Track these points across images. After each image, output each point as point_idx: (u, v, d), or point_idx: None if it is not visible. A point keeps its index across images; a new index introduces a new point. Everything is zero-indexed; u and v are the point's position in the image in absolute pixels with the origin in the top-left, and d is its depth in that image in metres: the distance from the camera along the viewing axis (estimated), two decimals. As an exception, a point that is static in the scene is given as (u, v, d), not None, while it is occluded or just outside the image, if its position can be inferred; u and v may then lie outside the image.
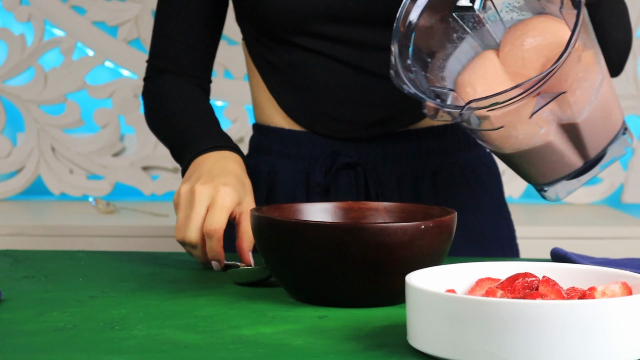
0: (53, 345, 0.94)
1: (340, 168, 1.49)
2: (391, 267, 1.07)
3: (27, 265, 1.33)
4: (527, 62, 1.19)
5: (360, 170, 1.49)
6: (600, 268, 0.98)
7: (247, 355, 0.91)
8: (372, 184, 1.48)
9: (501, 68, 1.20)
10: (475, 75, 1.20)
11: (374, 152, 1.50)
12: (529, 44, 1.19)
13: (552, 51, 1.18)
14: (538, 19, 1.20)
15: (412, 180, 1.51)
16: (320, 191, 1.49)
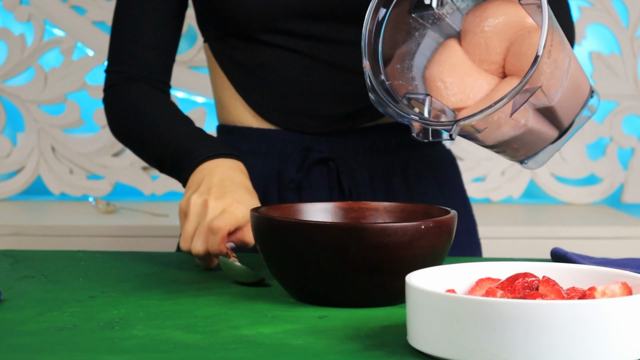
0: (53, 345, 0.94)
1: (312, 164, 1.49)
2: (391, 267, 1.07)
3: (27, 265, 1.33)
4: (491, 48, 1.19)
5: (333, 165, 1.49)
6: (600, 268, 0.98)
7: (247, 355, 0.91)
8: (344, 179, 1.49)
9: (466, 57, 1.20)
10: (442, 68, 1.19)
11: (345, 147, 1.50)
12: (489, 29, 1.19)
13: (514, 34, 1.18)
14: (494, 3, 1.20)
15: (383, 174, 1.52)
16: (293, 187, 1.49)
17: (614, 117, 2.78)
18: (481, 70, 1.19)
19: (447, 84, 1.18)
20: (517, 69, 1.16)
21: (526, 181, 2.80)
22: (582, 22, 2.76)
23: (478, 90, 1.18)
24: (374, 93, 1.16)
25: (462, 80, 1.18)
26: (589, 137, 2.79)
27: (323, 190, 1.49)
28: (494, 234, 2.46)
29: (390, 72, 1.19)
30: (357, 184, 1.50)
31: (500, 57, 1.19)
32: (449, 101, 1.18)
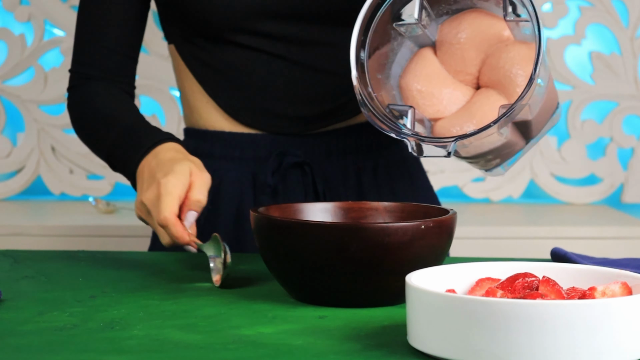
0: (53, 345, 0.94)
1: (287, 168, 1.49)
2: (391, 267, 1.07)
3: (27, 265, 1.33)
4: (467, 59, 1.19)
5: (307, 168, 1.50)
6: (600, 268, 0.98)
7: (247, 355, 0.91)
8: (319, 182, 1.50)
9: (442, 67, 1.20)
10: (418, 78, 1.19)
11: (318, 149, 1.51)
12: (466, 41, 1.19)
13: (490, 47, 1.18)
14: (471, 14, 1.20)
15: (355, 175, 1.53)
16: (269, 192, 1.49)
17: (614, 117, 2.78)
18: (456, 81, 1.19)
19: (424, 94, 1.18)
20: (492, 81, 1.17)
21: (526, 181, 2.80)
22: (582, 22, 2.76)
23: (454, 101, 1.18)
24: (365, 108, 1.16)
25: (439, 91, 1.18)
26: (589, 137, 2.79)
27: (299, 194, 1.50)
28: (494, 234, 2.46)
29: (373, 83, 1.20)
30: (331, 186, 1.51)
31: (476, 68, 1.19)
32: (426, 111, 1.18)
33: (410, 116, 1.17)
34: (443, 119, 1.17)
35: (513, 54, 1.15)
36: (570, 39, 2.77)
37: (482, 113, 1.15)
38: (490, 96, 1.16)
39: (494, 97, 1.16)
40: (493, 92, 1.17)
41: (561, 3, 2.76)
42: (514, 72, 1.15)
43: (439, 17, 1.21)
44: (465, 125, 1.15)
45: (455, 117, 1.17)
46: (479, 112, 1.15)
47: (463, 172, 2.80)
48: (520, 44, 1.16)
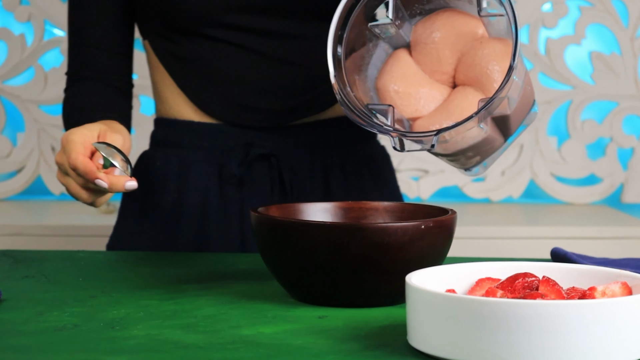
0: (53, 345, 0.94)
1: (254, 159, 1.49)
2: (391, 267, 1.07)
3: (27, 265, 1.33)
4: (443, 58, 1.19)
5: (274, 161, 1.50)
6: (600, 268, 0.98)
7: (247, 355, 0.91)
8: (285, 175, 1.50)
9: (417, 67, 1.20)
10: (395, 79, 1.20)
11: (286, 143, 1.51)
12: (441, 40, 1.19)
13: (465, 45, 1.18)
14: (444, 13, 1.20)
15: (322, 170, 1.53)
16: (235, 182, 1.49)
17: (614, 117, 2.78)
18: (433, 80, 1.20)
19: (401, 94, 1.19)
20: (469, 78, 1.17)
21: (526, 181, 2.80)
22: (582, 22, 2.76)
23: (432, 100, 1.19)
24: (344, 106, 1.17)
25: (416, 91, 1.19)
26: (589, 137, 2.79)
27: (264, 185, 1.50)
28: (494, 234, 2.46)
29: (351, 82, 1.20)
30: (298, 179, 1.51)
31: (452, 67, 1.19)
32: (404, 111, 1.18)
33: (390, 115, 1.17)
34: (421, 118, 1.18)
35: (488, 50, 1.16)
36: (570, 39, 2.77)
37: (461, 110, 1.16)
38: (468, 93, 1.17)
39: (471, 94, 1.17)
40: (470, 89, 1.17)
41: (561, 3, 2.76)
42: (490, 68, 1.16)
43: (412, 17, 1.21)
44: (444, 123, 1.16)
45: (433, 116, 1.17)
46: (457, 110, 1.16)
47: (463, 172, 2.80)
48: (495, 41, 1.17)
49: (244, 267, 1.31)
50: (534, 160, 2.79)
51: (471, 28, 1.18)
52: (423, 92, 1.19)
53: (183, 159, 1.51)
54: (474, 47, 1.17)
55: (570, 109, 2.79)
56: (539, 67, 2.77)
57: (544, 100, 2.78)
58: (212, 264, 1.33)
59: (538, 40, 2.77)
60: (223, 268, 1.30)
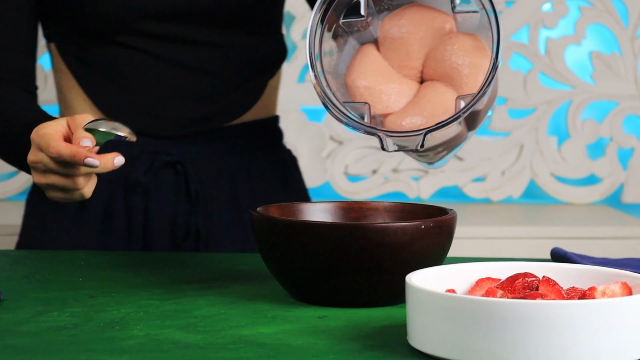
0: (53, 345, 0.94)
1: (160, 167, 1.48)
2: (391, 267, 1.07)
3: (27, 265, 1.33)
4: (411, 53, 1.19)
5: (180, 168, 1.49)
6: (600, 268, 0.98)
7: (247, 355, 0.91)
8: (192, 182, 1.49)
9: (386, 63, 1.20)
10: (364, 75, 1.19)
11: (193, 150, 1.50)
12: (409, 35, 1.19)
13: (434, 40, 1.18)
14: (411, 9, 1.20)
15: (230, 176, 1.52)
16: (140, 191, 1.48)
17: (614, 117, 2.78)
18: (401, 75, 1.20)
19: (371, 91, 1.18)
20: (438, 74, 1.17)
21: (526, 181, 2.80)
22: (582, 22, 2.76)
23: (402, 96, 1.19)
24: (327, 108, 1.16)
25: (386, 86, 1.18)
26: (589, 137, 2.79)
27: (170, 193, 1.49)
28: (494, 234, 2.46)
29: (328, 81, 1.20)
30: (204, 186, 1.50)
31: (420, 62, 1.19)
32: (375, 108, 1.18)
33: (367, 113, 1.17)
34: (393, 114, 1.18)
35: (458, 45, 1.16)
36: (570, 39, 2.77)
37: (432, 105, 1.16)
38: (438, 89, 1.17)
39: (441, 89, 1.17)
40: (440, 84, 1.17)
41: (561, 3, 2.76)
42: (460, 63, 1.16)
43: (380, 13, 1.21)
44: (416, 118, 1.16)
45: (405, 112, 1.17)
46: (429, 105, 1.16)
47: (463, 172, 2.80)
48: (464, 36, 1.17)
49: (244, 267, 1.31)
50: (534, 160, 2.79)
51: (439, 23, 1.18)
52: (393, 88, 1.19)
53: None
54: (443, 42, 1.17)
55: (570, 109, 2.79)
56: (539, 67, 2.77)
57: (544, 100, 2.78)
58: (212, 264, 1.33)
59: (538, 40, 2.77)
60: (223, 268, 1.30)
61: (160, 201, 1.48)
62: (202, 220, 1.49)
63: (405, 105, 1.18)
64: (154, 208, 1.48)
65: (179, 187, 1.49)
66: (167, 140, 1.49)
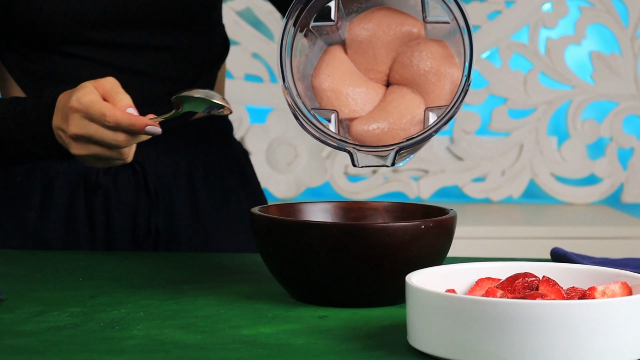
0: (53, 345, 0.94)
1: (118, 167, 1.48)
2: (391, 267, 1.07)
3: (27, 265, 1.33)
4: (379, 57, 1.19)
5: (139, 167, 1.49)
6: (600, 268, 0.98)
7: (247, 355, 0.91)
8: (150, 181, 1.49)
9: (353, 66, 1.20)
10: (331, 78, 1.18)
11: (150, 149, 1.49)
12: (377, 39, 1.19)
13: (401, 45, 1.18)
14: (379, 12, 1.19)
15: (186, 173, 1.52)
16: (101, 192, 1.48)
17: (614, 117, 2.78)
18: (368, 79, 1.19)
19: (338, 94, 1.18)
20: (404, 79, 1.17)
21: (526, 181, 2.80)
22: (582, 22, 2.76)
23: (369, 100, 1.18)
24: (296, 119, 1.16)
25: (353, 90, 1.18)
26: (589, 137, 2.79)
27: (130, 192, 1.48)
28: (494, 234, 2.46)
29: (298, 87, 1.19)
30: (162, 183, 1.50)
31: (387, 66, 1.19)
32: (342, 112, 1.18)
33: (333, 120, 1.17)
34: (359, 118, 1.17)
35: (426, 52, 1.16)
36: (570, 39, 2.77)
37: (399, 112, 1.16)
38: (405, 95, 1.17)
39: (408, 95, 1.17)
40: (407, 90, 1.17)
41: (561, 3, 2.76)
42: (427, 70, 1.16)
43: (349, 15, 1.20)
44: (382, 124, 1.16)
45: (371, 117, 1.17)
46: (396, 111, 1.16)
47: (463, 172, 2.80)
48: (432, 42, 1.16)
49: (244, 267, 1.31)
50: (534, 160, 2.79)
51: (408, 27, 1.18)
52: (359, 92, 1.18)
53: (46, 172, 1.48)
54: (411, 47, 1.17)
55: (570, 109, 2.79)
56: (539, 67, 2.77)
57: (544, 100, 2.78)
58: (212, 264, 1.33)
59: (538, 40, 2.77)
60: (223, 268, 1.30)
61: (121, 201, 1.48)
62: (162, 218, 1.49)
63: (372, 110, 1.18)
64: (115, 208, 1.48)
65: (138, 186, 1.49)
66: None
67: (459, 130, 2.79)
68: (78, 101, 1.21)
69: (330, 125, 1.16)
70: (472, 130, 2.79)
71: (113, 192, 1.48)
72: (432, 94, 1.15)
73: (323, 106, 1.18)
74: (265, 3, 2.78)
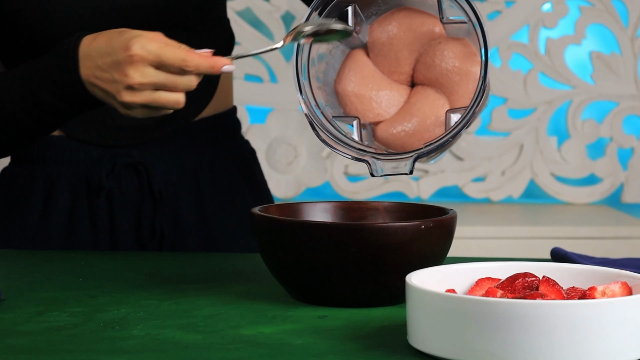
0: (53, 345, 0.94)
1: (121, 169, 1.47)
2: (391, 267, 1.07)
3: (27, 265, 1.33)
4: (401, 59, 1.18)
5: (142, 169, 1.48)
6: (600, 268, 0.98)
7: (247, 355, 0.91)
8: (154, 182, 1.48)
9: (375, 69, 1.19)
10: (354, 83, 1.18)
11: (154, 151, 1.49)
12: (398, 41, 1.18)
13: (423, 45, 1.17)
14: (400, 13, 1.19)
15: (192, 172, 1.51)
16: (104, 195, 1.47)
17: (614, 117, 2.78)
18: (392, 81, 1.19)
19: (362, 98, 1.18)
20: (428, 79, 1.17)
21: (526, 181, 2.80)
22: (582, 22, 2.76)
23: (393, 103, 1.18)
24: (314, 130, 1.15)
25: (377, 94, 1.18)
26: (589, 137, 2.79)
27: (134, 194, 1.47)
28: (494, 234, 2.46)
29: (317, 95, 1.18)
30: (167, 185, 1.49)
31: (410, 67, 1.19)
32: (366, 116, 1.17)
33: (356, 128, 1.16)
34: (384, 122, 1.17)
35: (448, 51, 1.16)
36: (570, 39, 2.77)
37: (423, 113, 1.16)
38: (429, 95, 1.17)
39: (432, 95, 1.17)
40: (431, 90, 1.17)
41: (561, 3, 2.76)
42: (450, 69, 1.16)
43: (368, 18, 1.20)
44: (407, 126, 1.16)
45: (395, 119, 1.17)
46: (420, 113, 1.16)
47: (463, 172, 2.80)
48: (453, 41, 1.16)
49: (244, 267, 1.31)
50: (534, 160, 2.79)
51: (429, 27, 1.17)
52: (383, 95, 1.18)
53: (48, 174, 1.47)
54: (433, 47, 1.17)
55: (570, 109, 2.79)
56: (539, 67, 2.77)
57: (544, 100, 2.78)
58: (212, 264, 1.33)
59: (538, 40, 2.77)
60: (223, 268, 1.30)
61: (125, 203, 1.47)
62: (167, 219, 1.48)
63: (397, 112, 1.17)
64: (118, 210, 1.47)
65: (142, 188, 1.48)
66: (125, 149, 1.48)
67: (459, 130, 2.79)
68: (144, 49, 1.16)
69: (353, 132, 1.16)
70: (472, 130, 2.79)
71: (117, 194, 1.48)
72: (456, 94, 1.15)
73: (347, 111, 1.18)
74: (265, 3, 2.78)
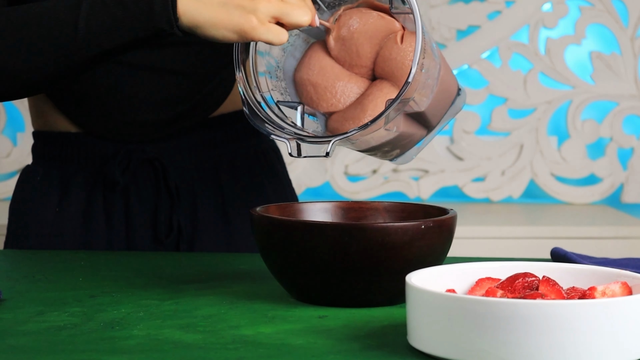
0: (53, 345, 0.94)
1: (137, 165, 1.47)
2: (391, 267, 1.07)
3: (27, 265, 1.33)
4: (362, 53, 1.19)
5: (159, 164, 1.47)
6: (600, 268, 0.98)
7: (247, 355, 0.91)
8: (171, 178, 1.47)
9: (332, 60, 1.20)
10: (312, 72, 1.19)
11: (170, 146, 1.49)
12: (359, 35, 1.19)
13: (383, 38, 1.18)
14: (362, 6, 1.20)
15: (211, 169, 1.51)
16: (120, 190, 1.47)
17: (614, 117, 2.78)
18: (351, 73, 1.19)
19: (318, 88, 1.18)
20: (386, 73, 1.17)
21: (526, 181, 2.80)
22: (582, 22, 2.76)
23: (348, 95, 1.18)
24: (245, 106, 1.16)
25: (333, 84, 1.18)
26: (589, 137, 2.79)
27: (151, 190, 1.47)
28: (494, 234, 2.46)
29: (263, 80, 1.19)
30: (184, 180, 1.49)
31: (371, 61, 1.19)
32: (320, 106, 1.18)
33: (299, 113, 1.17)
34: (337, 112, 1.18)
35: (405, 44, 1.16)
36: (570, 39, 2.77)
37: (375, 105, 1.16)
38: (384, 88, 1.17)
39: (387, 88, 1.17)
40: (386, 83, 1.17)
41: (561, 3, 2.77)
42: (406, 63, 1.16)
43: (331, 9, 1.21)
44: (358, 118, 1.16)
45: (348, 111, 1.17)
46: (372, 105, 1.16)
47: (463, 172, 2.80)
48: (411, 35, 1.17)
49: (244, 267, 1.31)
50: (534, 160, 2.79)
51: (389, 21, 1.18)
52: (339, 86, 1.18)
53: (64, 172, 1.48)
54: (391, 41, 1.17)
55: (570, 109, 2.79)
56: (539, 67, 2.77)
57: (544, 100, 2.78)
58: (212, 264, 1.33)
59: (538, 40, 2.77)
60: (223, 268, 1.30)
61: (141, 199, 1.47)
62: (185, 215, 1.48)
63: (350, 104, 1.18)
64: (134, 206, 1.47)
65: (158, 183, 1.48)
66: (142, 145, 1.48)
67: (459, 130, 2.79)
68: None
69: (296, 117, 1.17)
70: (472, 130, 2.79)
71: (133, 190, 1.47)
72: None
73: (302, 100, 1.19)
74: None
